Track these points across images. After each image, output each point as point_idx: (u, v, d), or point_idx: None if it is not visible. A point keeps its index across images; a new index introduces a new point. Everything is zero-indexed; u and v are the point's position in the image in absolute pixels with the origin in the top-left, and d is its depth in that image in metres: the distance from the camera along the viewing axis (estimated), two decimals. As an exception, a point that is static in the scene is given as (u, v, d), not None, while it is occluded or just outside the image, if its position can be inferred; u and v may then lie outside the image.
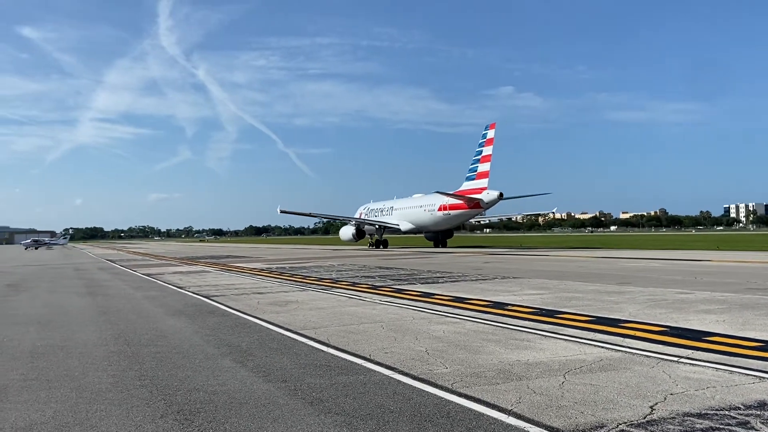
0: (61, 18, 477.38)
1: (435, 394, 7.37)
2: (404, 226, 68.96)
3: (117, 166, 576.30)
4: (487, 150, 61.71)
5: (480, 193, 60.41)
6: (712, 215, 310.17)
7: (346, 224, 77.48)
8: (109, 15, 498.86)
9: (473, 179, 62.54)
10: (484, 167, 61.71)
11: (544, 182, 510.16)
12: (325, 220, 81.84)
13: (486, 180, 61.04)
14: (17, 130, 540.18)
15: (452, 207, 62.56)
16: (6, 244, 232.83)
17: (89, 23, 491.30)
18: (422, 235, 73.11)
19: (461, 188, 63.72)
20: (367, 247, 71.16)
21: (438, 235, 69.09)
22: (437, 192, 64.14)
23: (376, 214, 74.78)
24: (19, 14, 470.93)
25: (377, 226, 71.68)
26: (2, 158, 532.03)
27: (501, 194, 59.98)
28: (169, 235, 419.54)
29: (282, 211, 74.48)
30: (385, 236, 72.75)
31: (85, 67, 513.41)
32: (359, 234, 74.37)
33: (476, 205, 60.80)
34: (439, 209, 64.06)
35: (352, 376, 8.43)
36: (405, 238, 79.89)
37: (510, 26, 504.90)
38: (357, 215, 77.94)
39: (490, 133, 62.04)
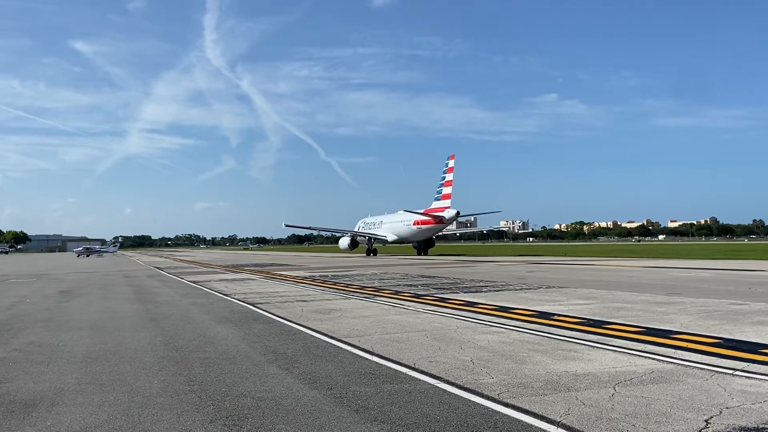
0: (112, 32, 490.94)
1: (481, 404, 7.31)
2: (390, 237, 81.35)
3: (164, 176, 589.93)
4: (449, 176, 75.25)
5: (443, 211, 73.39)
6: (766, 224, 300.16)
7: (343, 236, 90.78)
8: (157, 29, 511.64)
9: (439, 200, 75.79)
10: (447, 190, 74.96)
11: (588, 190, 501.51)
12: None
13: (449, 201, 74.08)
14: (69, 141, 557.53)
15: (422, 222, 75.44)
16: (59, 251, 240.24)
17: (138, 37, 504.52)
18: (406, 244, 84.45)
19: (431, 206, 76.73)
20: (365, 255, 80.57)
21: (420, 245, 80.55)
22: (405, 210, 78.90)
23: (370, 227, 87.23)
24: (73, 29, 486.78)
25: (368, 238, 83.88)
26: (55, 169, 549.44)
27: (458, 212, 73.47)
28: (214, 243, 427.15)
29: (287, 225, 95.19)
30: (375, 246, 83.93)
31: (134, 80, 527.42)
32: (353, 244, 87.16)
33: (440, 221, 73.74)
34: (414, 224, 76.60)
35: (397, 384, 8.42)
36: (392, 247, 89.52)
37: (552, 33, 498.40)
38: (356, 228, 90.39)
39: (451, 163, 75.49)
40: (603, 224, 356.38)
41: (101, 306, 21.17)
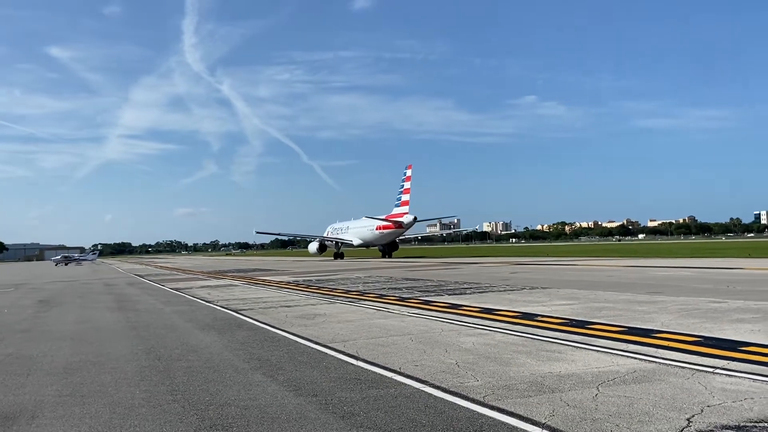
0: (89, 37, 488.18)
1: (467, 407, 7.31)
2: (356, 241, 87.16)
3: (144, 182, 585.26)
4: (407, 185, 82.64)
5: (402, 217, 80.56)
6: (743, 222, 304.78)
7: (311, 241, 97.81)
8: (134, 34, 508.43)
9: (399, 206, 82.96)
10: (405, 197, 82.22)
11: (569, 191, 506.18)
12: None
13: (407, 207, 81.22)
14: (46, 148, 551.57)
15: (384, 227, 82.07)
16: (36, 260, 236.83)
17: (115, 42, 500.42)
18: (371, 248, 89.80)
19: (392, 213, 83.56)
20: (332, 258, 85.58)
21: (385, 248, 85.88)
22: (367, 216, 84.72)
23: (337, 232, 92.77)
24: (48, 35, 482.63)
25: (335, 242, 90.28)
26: (32, 176, 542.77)
27: (415, 218, 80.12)
28: (195, 249, 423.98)
29: (258, 232, 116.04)
30: (342, 250, 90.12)
31: (112, 85, 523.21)
32: (322, 248, 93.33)
33: (399, 225, 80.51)
34: (377, 229, 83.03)
35: (382, 389, 8.40)
36: (358, 251, 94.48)
37: (532, 35, 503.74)
38: (325, 233, 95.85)
39: (409, 172, 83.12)
40: (584, 224, 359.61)
41: (81, 315, 20.92)
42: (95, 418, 7.51)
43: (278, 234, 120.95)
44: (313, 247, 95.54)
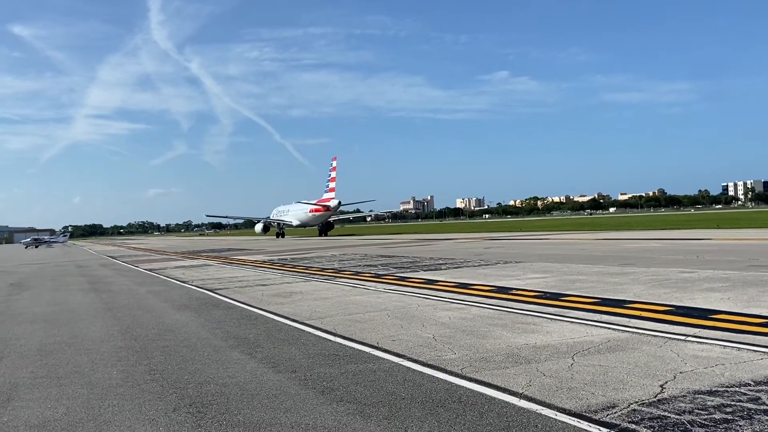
0: (52, 15, 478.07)
1: (445, 380, 7.39)
2: (295, 222, 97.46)
3: (114, 163, 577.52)
4: (333, 174, 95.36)
5: (329, 201, 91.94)
6: (711, 194, 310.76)
7: (257, 222, 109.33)
8: (99, 11, 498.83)
9: (327, 192, 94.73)
10: (332, 185, 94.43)
11: (541, 166, 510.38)
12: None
13: (333, 193, 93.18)
14: (11, 129, 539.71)
15: (316, 210, 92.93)
16: (6, 243, 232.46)
17: (80, 20, 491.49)
18: (308, 228, 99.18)
19: (322, 198, 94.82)
20: (275, 237, 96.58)
21: (321, 227, 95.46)
22: (299, 201, 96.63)
23: (280, 214, 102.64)
24: (10, 12, 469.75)
25: (277, 223, 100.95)
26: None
27: (340, 202, 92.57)
28: (168, 229, 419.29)
29: (207, 215, 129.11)
30: (284, 230, 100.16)
31: (78, 64, 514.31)
32: (266, 228, 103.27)
33: (327, 209, 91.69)
34: (310, 211, 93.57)
35: (361, 364, 8.45)
36: (297, 230, 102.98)
37: (502, 10, 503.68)
38: (271, 215, 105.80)
39: (335, 163, 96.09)
40: (556, 199, 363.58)
41: (54, 297, 20.64)
42: (73, 399, 7.45)
43: (226, 216, 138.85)
44: (258, 227, 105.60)
